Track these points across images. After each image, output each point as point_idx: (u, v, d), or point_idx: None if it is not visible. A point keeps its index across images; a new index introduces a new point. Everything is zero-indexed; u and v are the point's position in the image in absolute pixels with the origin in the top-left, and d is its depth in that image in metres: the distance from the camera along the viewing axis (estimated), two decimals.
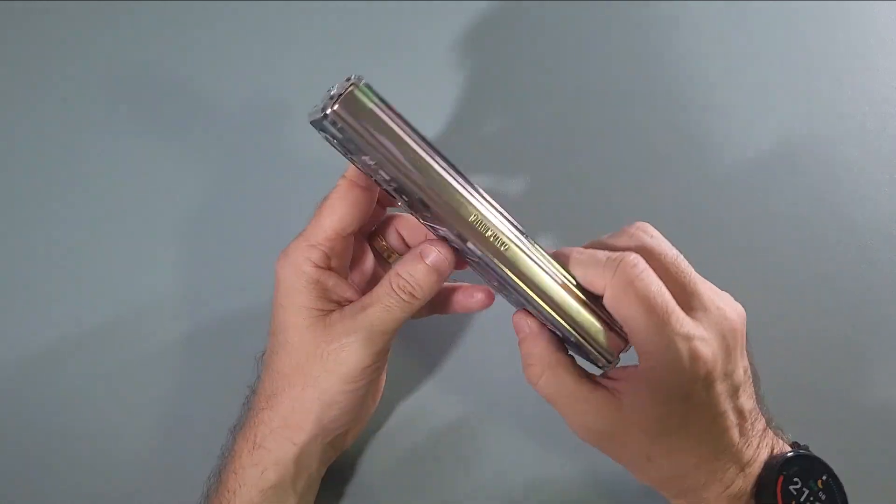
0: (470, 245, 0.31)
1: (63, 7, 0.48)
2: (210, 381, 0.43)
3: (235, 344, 0.42)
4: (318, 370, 0.33)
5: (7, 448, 0.42)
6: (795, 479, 0.32)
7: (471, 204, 0.30)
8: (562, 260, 0.33)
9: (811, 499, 0.32)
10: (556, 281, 0.32)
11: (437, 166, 0.30)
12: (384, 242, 0.39)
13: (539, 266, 0.31)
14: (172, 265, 0.45)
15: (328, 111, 0.28)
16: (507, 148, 0.47)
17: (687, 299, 0.31)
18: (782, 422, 0.37)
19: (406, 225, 0.38)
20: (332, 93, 0.29)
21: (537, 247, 0.32)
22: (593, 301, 0.32)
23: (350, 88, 0.28)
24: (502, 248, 0.31)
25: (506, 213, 0.31)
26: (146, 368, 0.43)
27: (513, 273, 0.31)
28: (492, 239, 0.31)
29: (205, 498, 0.36)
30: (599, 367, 0.33)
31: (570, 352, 0.34)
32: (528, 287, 0.31)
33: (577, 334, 0.32)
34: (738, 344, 0.32)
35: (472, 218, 0.30)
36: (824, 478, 0.33)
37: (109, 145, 0.46)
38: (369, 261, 0.39)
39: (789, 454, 0.33)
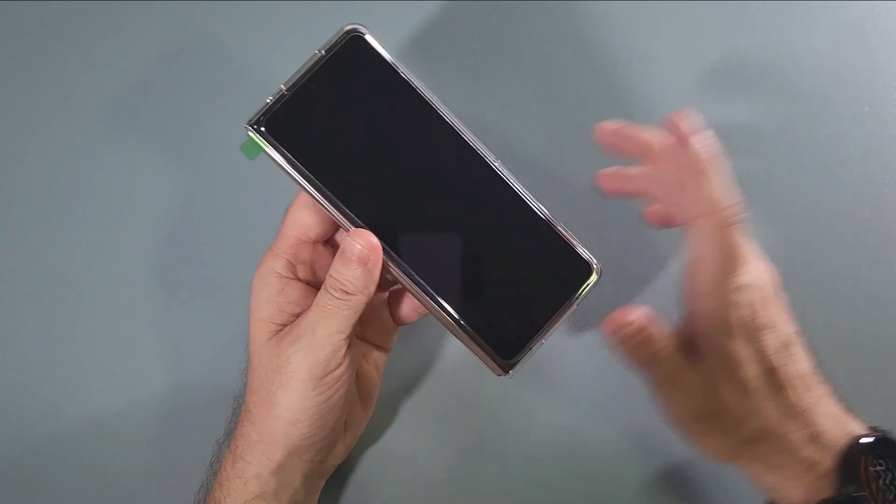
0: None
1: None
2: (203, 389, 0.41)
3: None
4: (275, 386, 0.32)
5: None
6: (880, 462, 0.31)
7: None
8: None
9: (895, 483, 0.31)
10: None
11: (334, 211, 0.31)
12: None
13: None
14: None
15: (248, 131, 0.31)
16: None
17: None
18: None
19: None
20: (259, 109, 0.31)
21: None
22: None
23: (247, 131, 0.31)
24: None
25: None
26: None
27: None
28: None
29: None
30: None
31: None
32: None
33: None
34: (776, 295, 0.33)
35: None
36: None
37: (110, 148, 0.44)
38: None
39: (873, 436, 0.32)
